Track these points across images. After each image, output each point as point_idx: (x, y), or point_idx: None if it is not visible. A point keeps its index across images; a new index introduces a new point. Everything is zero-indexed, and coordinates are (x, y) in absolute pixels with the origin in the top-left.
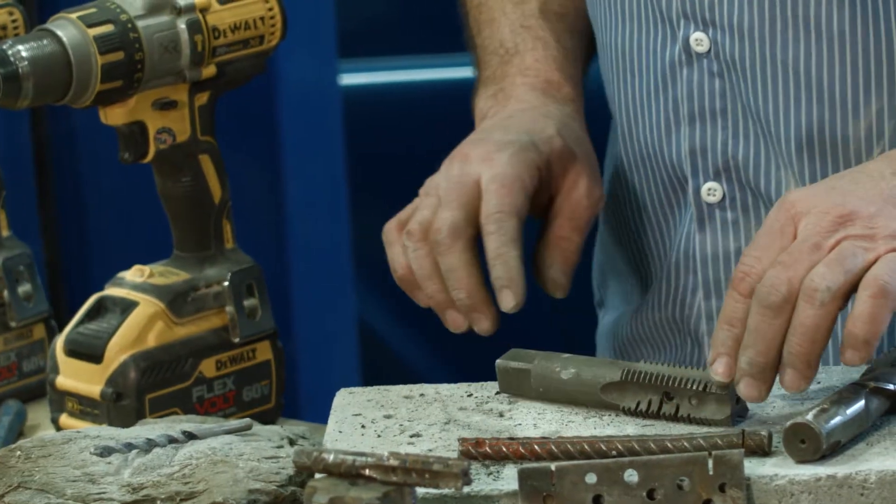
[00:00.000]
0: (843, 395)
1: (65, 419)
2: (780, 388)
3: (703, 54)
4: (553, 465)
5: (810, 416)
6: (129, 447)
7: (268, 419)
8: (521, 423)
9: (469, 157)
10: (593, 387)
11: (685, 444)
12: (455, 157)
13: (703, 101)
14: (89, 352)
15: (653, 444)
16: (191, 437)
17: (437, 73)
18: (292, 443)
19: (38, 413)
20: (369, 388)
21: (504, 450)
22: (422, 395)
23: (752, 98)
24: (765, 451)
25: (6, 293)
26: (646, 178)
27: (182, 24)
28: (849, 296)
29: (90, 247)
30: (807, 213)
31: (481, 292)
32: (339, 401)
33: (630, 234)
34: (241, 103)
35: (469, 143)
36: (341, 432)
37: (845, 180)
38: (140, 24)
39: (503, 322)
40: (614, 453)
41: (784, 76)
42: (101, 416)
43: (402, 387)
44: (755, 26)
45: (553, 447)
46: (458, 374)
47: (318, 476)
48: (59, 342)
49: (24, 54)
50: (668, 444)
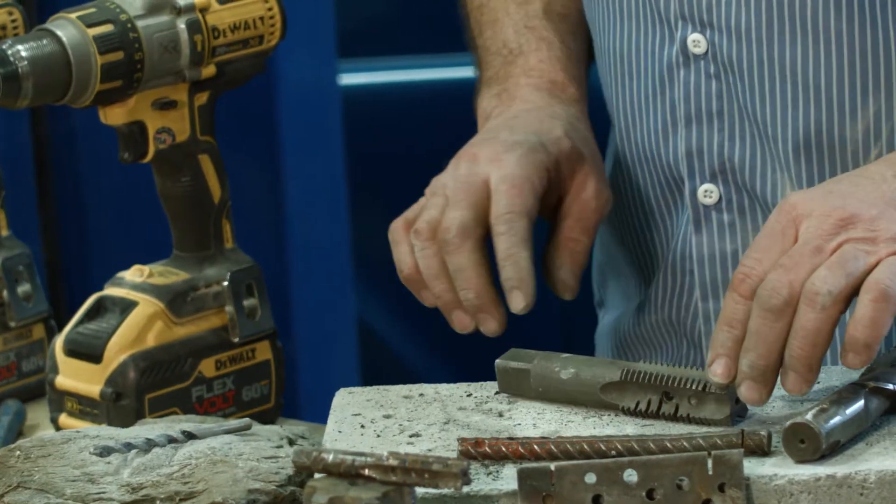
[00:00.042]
0: (842, 394)
1: (64, 419)
2: (779, 388)
3: (700, 56)
4: (552, 465)
5: (810, 415)
6: (129, 447)
7: (267, 419)
8: (520, 423)
9: (477, 158)
10: (593, 387)
11: (684, 443)
12: (462, 157)
13: (699, 102)
14: (89, 352)
15: (652, 444)
16: (190, 436)
17: (437, 73)
18: (292, 443)
19: (38, 413)
20: (369, 387)
21: (503, 450)
22: (421, 394)
23: (749, 100)
24: (764, 451)
25: (6, 293)
26: (643, 179)
27: (182, 24)
28: (850, 299)
29: (90, 247)
30: (808, 216)
31: (490, 292)
32: (339, 401)
33: (629, 234)
34: (241, 103)
35: (476, 144)
36: (341, 432)
37: (846, 183)
38: (140, 23)
39: None
40: (614, 453)
41: (781, 78)
42: (100, 416)
43: (401, 387)
44: (752, 28)
45: (552, 447)
46: (458, 374)
47: (317, 476)
48: (59, 342)
49: (23, 54)
50: (668, 444)
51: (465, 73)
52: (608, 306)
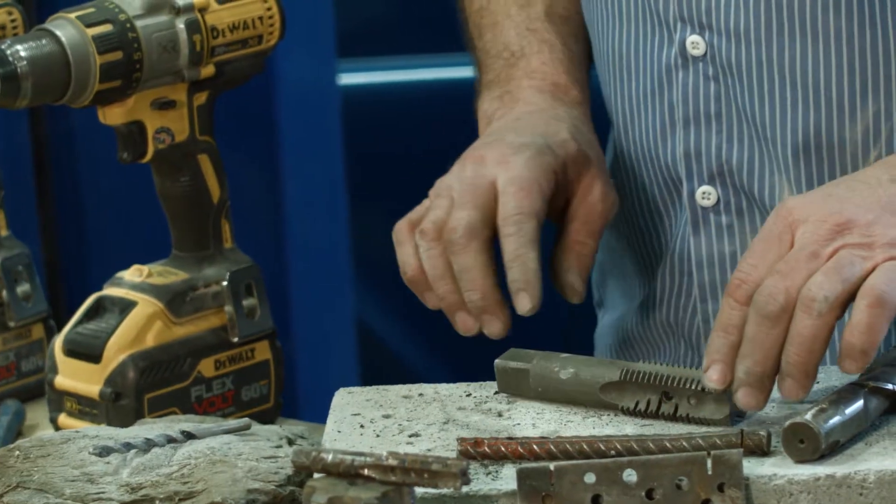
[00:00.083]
0: (841, 394)
1: (63, 419)
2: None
3: (698, 57)
4: (552, 465)
5: (809, 415)
6: (128, 447)
7: (266, 419)
8: (519, 423)
9: (484, 159)
10: (592, 386)
11: (684, 443)
12: (468, 158)
13: (698, 104)
14: (88, 351)
15: (651, 444)
16: (189, 436)
17: (436, 73)
18: (291, 442)
19: (37, 413)
20: (368, 387)
21: (503, 449)
22: (420, 394)
23: (748, 102)
24: (764, 451)
25: (5, 293)
26: (642, 180)
27: (181, 24)
28: (846, 305)
29: (89, 246)
30: (804, 221)
31: (495, 294)
32: (338, 400)
33: (628, 235)
34: (240, 103)
35: (482, 146)
36: (340, 432)
37: (842, 188)
38: (139, 23)
39: None
40: (613, 453)
41: (780, 80)
42: (99, 416)
43: (400, 386)
44: (751, 30)
45: (552, 447)
46: (457, 374)
47: (316, 476)
48: (58, 342)
49: (22, 54)
50: (667, 444)
51: (465, 73)
52: (608, 306)
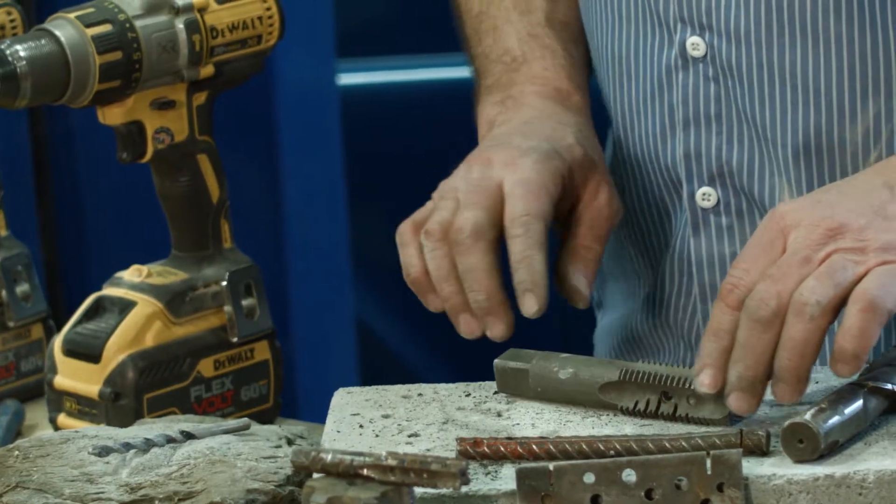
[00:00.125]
0: (841, 394)
1: (63, 419)
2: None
3: (699, 59)
4: (551, 465)
5: (808, 415)
6: (127, 447)
7: (266, 419)
8: (519, 423)
9: (491, 162)
10: (591, 386)
11: (683, 443)
12: (474, 160)
13: (698, 105)
14: (87, 351)
15: (651, 444)
16: (189, 436)
17: (436, 73)
18: (290, 442)
19: (37, 413)
20: (367, 387)
21: (502, 449)
22: (420, 394)
23: (748, 103)
24: (763, 451)
25: (4, 293)
26: (642, 181)
27: (180, 24)
28: (839, 309)
29: (88, 246)
30: (796, 226)
31: (500, 295)
32: (338, 400)
33: (629, 236)
34: (239, 103)
35: (489, 148)
36: (339, 432)
37: (834, 192)
38: (138, 23)
39: None
40: (612, 453)
41: (780, 81)
42: (99, 416)
43: (400, 386)
44: (751, 31)
45: (551, 447)
46: (456, 374)
47: (316, 476)
48: (58, 342)
49: (22, 54)
50: (666, 444)
51: (464, 73)
52: (607, 307)
